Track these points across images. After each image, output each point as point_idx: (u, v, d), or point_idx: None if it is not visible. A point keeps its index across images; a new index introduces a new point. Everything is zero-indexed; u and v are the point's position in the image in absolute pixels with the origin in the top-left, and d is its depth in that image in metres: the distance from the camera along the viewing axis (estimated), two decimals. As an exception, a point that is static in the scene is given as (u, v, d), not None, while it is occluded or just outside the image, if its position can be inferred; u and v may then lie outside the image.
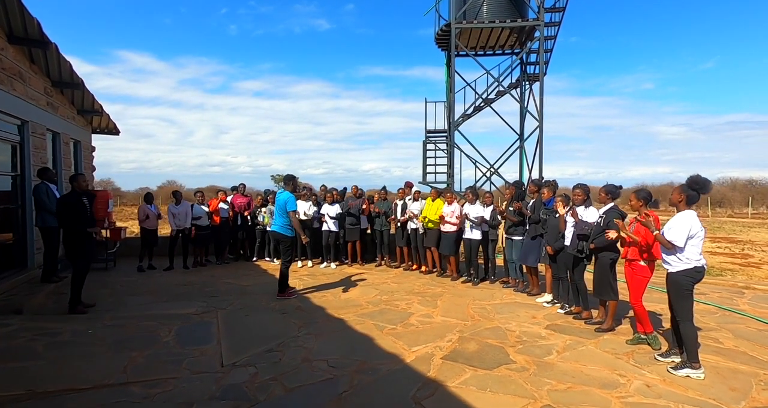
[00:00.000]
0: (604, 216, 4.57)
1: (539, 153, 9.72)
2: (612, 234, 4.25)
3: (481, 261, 7.33)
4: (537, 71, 11.17)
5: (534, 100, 10.58)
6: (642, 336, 4.25)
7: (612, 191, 4.66)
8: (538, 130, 9.79)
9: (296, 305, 5.72)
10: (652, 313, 4.91)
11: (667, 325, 4.46)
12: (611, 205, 4.64)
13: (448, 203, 7.37)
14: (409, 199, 8.24)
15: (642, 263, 4.03)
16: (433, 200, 7.63)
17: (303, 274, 7.83)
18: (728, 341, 4.42)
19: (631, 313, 4.71)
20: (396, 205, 8.29)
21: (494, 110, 11.77)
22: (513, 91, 11.54)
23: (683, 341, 3.57)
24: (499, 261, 7.56)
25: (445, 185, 10.96)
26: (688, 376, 3.53)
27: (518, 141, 11.83)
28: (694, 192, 3.53)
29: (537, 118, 9.86)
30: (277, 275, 6.13)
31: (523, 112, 11.62)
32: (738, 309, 5.63)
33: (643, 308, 4.19)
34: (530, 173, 11.13)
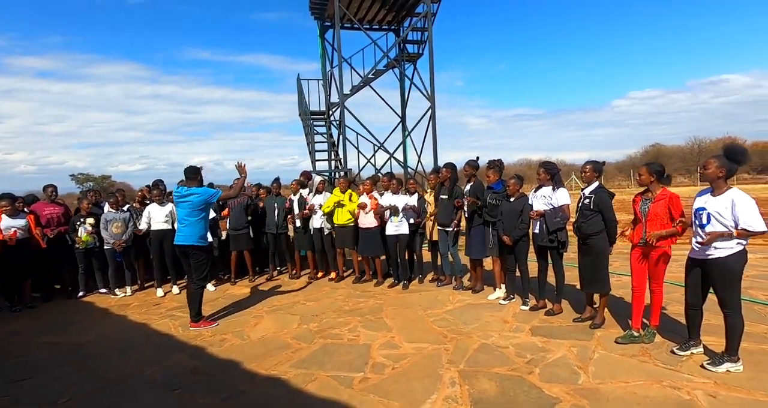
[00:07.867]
0: (593, 196, 3.97)
1: (433, 137, 9.14)
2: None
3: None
4: (417, 50, 10.60)
5: (421, 79, 9.96)
6: (635, 334, 3.76)
7: (599, 168, 4.09)
8: (430, 111, 9.17)
9: (190, 366, 3.70)
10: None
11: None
12: (597, 184, 4.07)
13: (366, 193, 6.11)
14: (308, 193, 6.70)
15: (663, 247, 3.51)
16: (342, 191, 6.23)
17: (171, 306, 5.55)
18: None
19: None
20: (292, 201, 6.62)
21: (374, 90, 10.81)
22: (394, 71, 10.74)
23: (729, 334, 3.12)
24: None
25: (327, 175, 9.62)
26: (728, 370, 3.12)
27: (401, 124, 11.16)
28: (735, 163, 3.07)
29: (428, 97, 9.23)
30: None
31: (405, 94, 10.96)
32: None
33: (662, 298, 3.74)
34: (419, 159, 10.60)
